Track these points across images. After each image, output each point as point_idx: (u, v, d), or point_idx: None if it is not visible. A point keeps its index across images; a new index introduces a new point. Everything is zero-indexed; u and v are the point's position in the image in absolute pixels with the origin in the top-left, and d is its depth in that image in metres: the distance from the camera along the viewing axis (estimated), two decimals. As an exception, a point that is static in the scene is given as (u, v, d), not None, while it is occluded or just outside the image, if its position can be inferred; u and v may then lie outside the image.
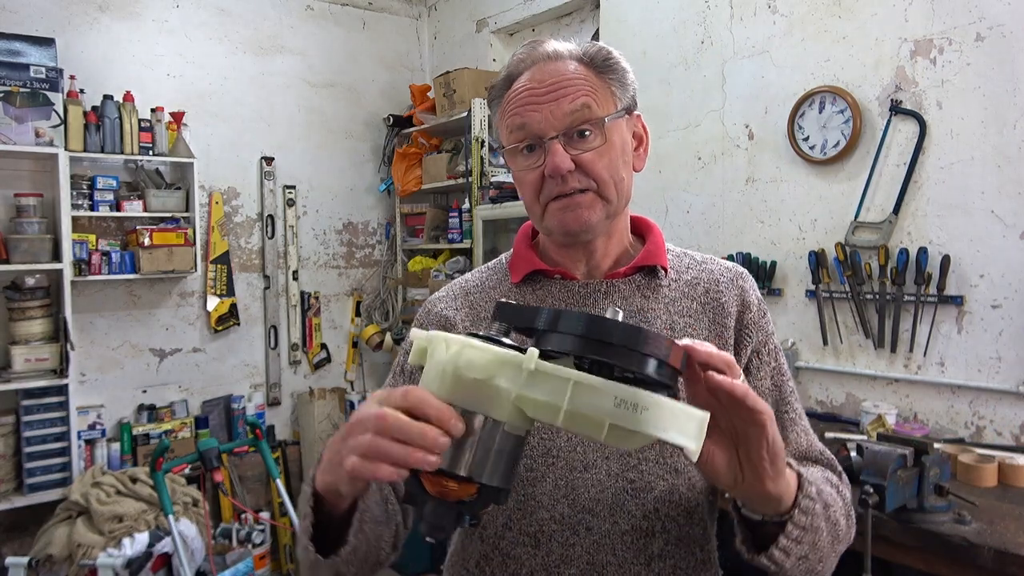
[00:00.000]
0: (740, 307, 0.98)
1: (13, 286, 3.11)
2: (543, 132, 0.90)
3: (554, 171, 0.89)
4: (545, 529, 0.91)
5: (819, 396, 2.52)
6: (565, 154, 0.89)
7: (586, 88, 0.90)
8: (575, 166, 0.90)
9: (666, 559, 0.92)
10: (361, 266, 4.34)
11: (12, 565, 2.62)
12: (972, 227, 2.13)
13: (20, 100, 3.01)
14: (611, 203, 0.93)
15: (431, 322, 1.03)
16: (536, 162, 0.92)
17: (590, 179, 0.91)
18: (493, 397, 0.60)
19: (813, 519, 0.78)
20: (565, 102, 0.89)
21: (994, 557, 1.48)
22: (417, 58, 4.49)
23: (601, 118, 0.90)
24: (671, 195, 2.95)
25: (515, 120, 0.92)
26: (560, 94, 0.90)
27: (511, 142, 0.94)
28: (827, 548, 0.83)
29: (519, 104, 0.92)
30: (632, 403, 0.55)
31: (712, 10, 2.78)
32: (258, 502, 3.66)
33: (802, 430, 0.97)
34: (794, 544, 0.77)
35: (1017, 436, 2.07)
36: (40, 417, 3.07)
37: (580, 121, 0.90)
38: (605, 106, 0.91)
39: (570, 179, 0.90)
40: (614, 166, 0.92)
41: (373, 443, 0.60)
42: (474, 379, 0.60)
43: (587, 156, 0.90)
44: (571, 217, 0.92)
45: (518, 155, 0.94)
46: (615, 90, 0.93)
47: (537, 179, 0.92)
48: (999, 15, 2.05)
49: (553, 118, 0.89)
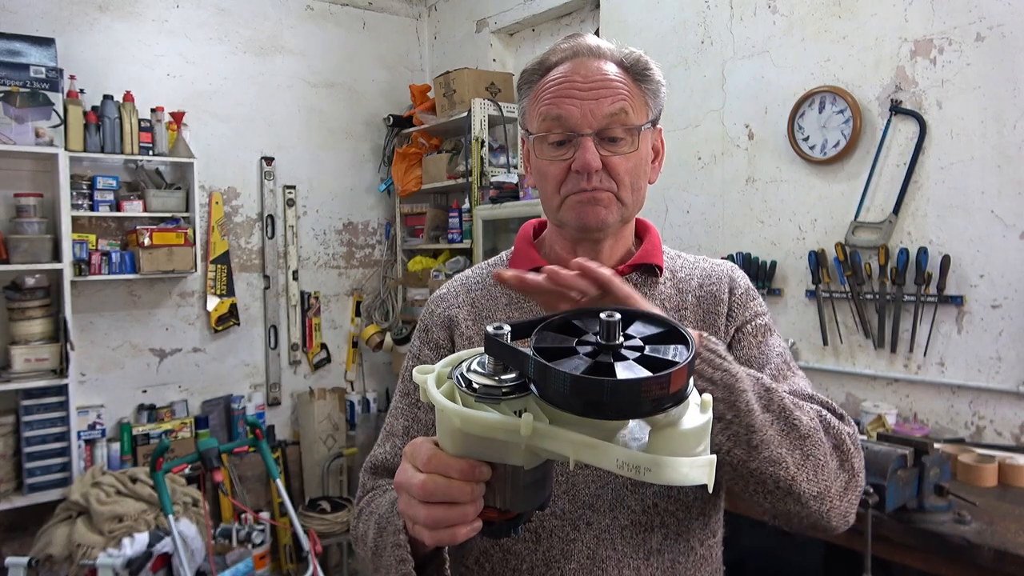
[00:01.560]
0: (728, 293, 1.00)
1: (13, 286, 3.11)
2: (578, 127, 0.91)
3: (584, 167, 0.90)
4: (545, 524, 0.92)
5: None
6: (596, 153, 0.90)
7: (625, 93, 0.92)
8: (602, 166, 0.91)
9: (665, 553, 0.92)
10: (361, 266, 4.34)
11: (12, 565, 2.62)
12: (972, 227, 2.13)
13: (20, 100, 3.01)
14: (627, 207, 0.95)
15: (435, 323, 1.04)
16: (564, 155, 0.93)
17: (613, 181, 0.92)
18: (505, 448, 0.62)
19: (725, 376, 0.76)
20: (606, 103, 0.91)
21: (994, 557, 1.49)
22: (417, 58, 4.49)
23: (637, 126, 0.92)
24: (671, 195, 2.95)
25: (551, 110, 0.92)
26: (601, 93, 0.91)
27: (542, 130, 0.94)
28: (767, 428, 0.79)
29: (557, 94, 0.92)
30: (633, 465, 0.55)
31: (712, 10, 2.78)
32: (258, 502, 3.66)
33: (793, 384, 0.93)
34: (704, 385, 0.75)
35: (1017, 436, 2.07)
36: (40, 417, 3.07)
37: (617, 124, 0.91)
38: (639, 114, 0.93)
39: (594, 178, 0.91)
40: (636, 173, 0.94)
41: (430, 515, 0.65)
42: (481, 438, 0.61)
43: (615, 159, 0.92)
44: (590, 212, 0.93)
45: (546, 144, 0.94)
46: (649, 100, 0.95)
47: (561, 172, 0.93)
48: (999, 15, 2.05)
49: (592, 116, 0.90)
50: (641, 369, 0.55)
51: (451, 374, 0.63)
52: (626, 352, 0.58)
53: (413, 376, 0.66)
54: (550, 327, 0.63)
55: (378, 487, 1.01)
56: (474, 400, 0.60)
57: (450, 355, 0.69)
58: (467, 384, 0.61)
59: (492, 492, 0.64)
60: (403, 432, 1.02)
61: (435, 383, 0.64)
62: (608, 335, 0.58)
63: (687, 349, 0.57)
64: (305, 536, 2.71)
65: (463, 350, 0.71)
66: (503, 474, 0.64)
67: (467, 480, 0.63)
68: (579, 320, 0.63)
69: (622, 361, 0.56)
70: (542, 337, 0.61)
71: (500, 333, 0.59)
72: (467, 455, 0.63)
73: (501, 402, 0.59)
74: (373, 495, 0.99)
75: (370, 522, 0.92)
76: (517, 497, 0.65)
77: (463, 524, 0.64)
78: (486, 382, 0.60)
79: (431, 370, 0.65)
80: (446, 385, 0.63)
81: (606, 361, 0.56)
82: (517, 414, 0.59)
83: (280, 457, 3.81)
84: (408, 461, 0.68)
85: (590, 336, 0.61)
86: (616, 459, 0.55)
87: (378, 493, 0.98)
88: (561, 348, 0.59)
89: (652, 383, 0.53)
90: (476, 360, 0.63)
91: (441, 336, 1.02)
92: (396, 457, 1.01)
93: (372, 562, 0.90)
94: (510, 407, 0.59)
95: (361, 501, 1.00)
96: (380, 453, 1.03)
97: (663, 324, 0.61)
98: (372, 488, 1.01)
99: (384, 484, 1.01)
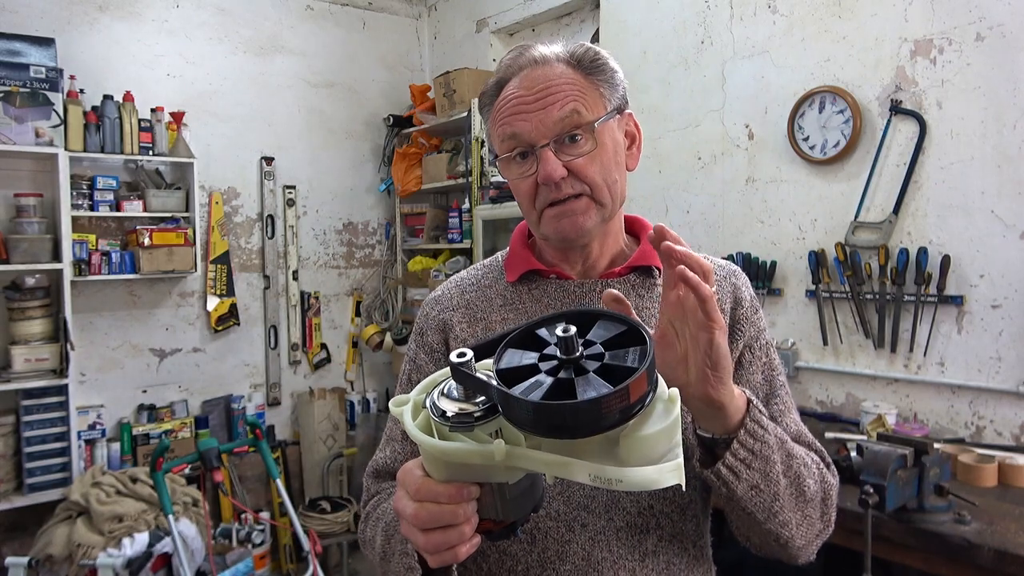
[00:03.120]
0: (733, 303, 0.99)
1: (13, 286, 3.11)
2: (534, 140, 0.90)
3: (546, 179, 0.89)
4: (541, 526, 0.92)
5: (819, 396, 2.52)
6: (557, 161, 0.89)
7: (574, 93, 0.90)
8: (567, 172, 0.90)
9: (660, 555, 0.93)
10: (361, 266, 4.34)
11: (12, 565, 2.62)
12: (972, 227, 2.13)
13: (20, 100, 3.01)
14: (605, 207, 0.94)
15: (430, 326, 1.04)
16: (529, 170, 0.92)
17: (583, 184, 0.91)
18: (486, 469, 0.63)
19: (764, 448, 0.80)
20: (554, 109, 0.89)
21: (994, 557, 1.48)
22: (417, 58, 4.49)
23: (591, 122, 0.90)
24: (671, 195, 2.95)
25: (505, 130, 0.92)
26: (548, 101, 0.89)
27: (503, 151, 0.94)
28: (786, 494, 0.85)
29: (508, 113, 0.92)
30: (604, 478, 0.56)
31: (712, 10, 2.78)
32: (258, 502, 3.66)
33: (792, 420, 0.98)
34: (743, 466, 0.79)
35: (1017, 436, 2.07)
36: (40, 417, 3.07)
37: (570, 127, 0.89)
38: (594, 109, 0.91)
39: (563, 185, 0.90)
40: (606, 169, 0.92)
41: (429, 541, 0.67)
42: (462, 464, 0.63)
43: (579, 162, 0.90)
44: (567, 224, 0.93)
45: (511, 163, 0.94)
46: (604, 91, 0.93)
47: (531, 187, 0.93)
48: (999, 15, 2.05)
49: (543, 126, 0.89)
50: (602, 383, 0.55)
51: (425, 402, 0.64)
52: (587, 363, 0.58)
53: (390, 408, 0.68)
54: (513, 343, 0.63)
55: (382, 491, 1.01)
56: (448, 430, 0.61)
57: (424, 379, 0.70)
58: (440, 414, 0.61)
59: (484, 507, 0.67)
60: (402, 437, 1.03)
61: (411, 414, 0.65)
62: (567, 350, 0.58)
63: (647, 348, 0.58)
64: (305, 536, 2.71)
65: (438, 371, 0.71)
66: (490, 490, 0.66)
67: (457, 503, 0.65)
68: (543, 328, 0.64)
69: (584, 375, 0.57)
70: (505, 356, 0.62)
71: (463, 361, 0.59)
72: (453, 479, 0.65)
73: (475, 428, 0.60)
74: (378, 499, 1.00)
75: (377, 528, 0.93)
76: (508, 508, 0.67)
77: (462, 543, 0.67)
78: (459, 408, 0.61)
79: (406, 400, 0.66)
80: (423, 415, 0.64)
81: (567, 378, 0.57)
82: (493, 435, 0.60)
83: (280, 457, 3.81)
84: (401, 488, 0.70)
85: (552, 348, 0.61)
86: (588, 473, 0.56)
87: (383, 498, 0.99)
88: (522, 368, 0.60)
89: (611, 399, 0.54)
90: (449, 384, 0.64)
91: (436, 340, 1.03)
92: (396, 461, 1.01)
93: (380, 566, 0.91)
94: (484, 430, 0.60)
95: (368, 505, 1.01)
96: (381, 458, 1.04)
97: (622, 322, 0.62)
98: (376, 492, 1.02)
99: (388, 487, 1.02)
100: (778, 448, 0.83)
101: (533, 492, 0.69)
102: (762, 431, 0.80)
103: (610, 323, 0.63)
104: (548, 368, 0.59)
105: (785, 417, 0.97)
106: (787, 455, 0.85)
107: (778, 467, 0.83)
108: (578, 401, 0.54)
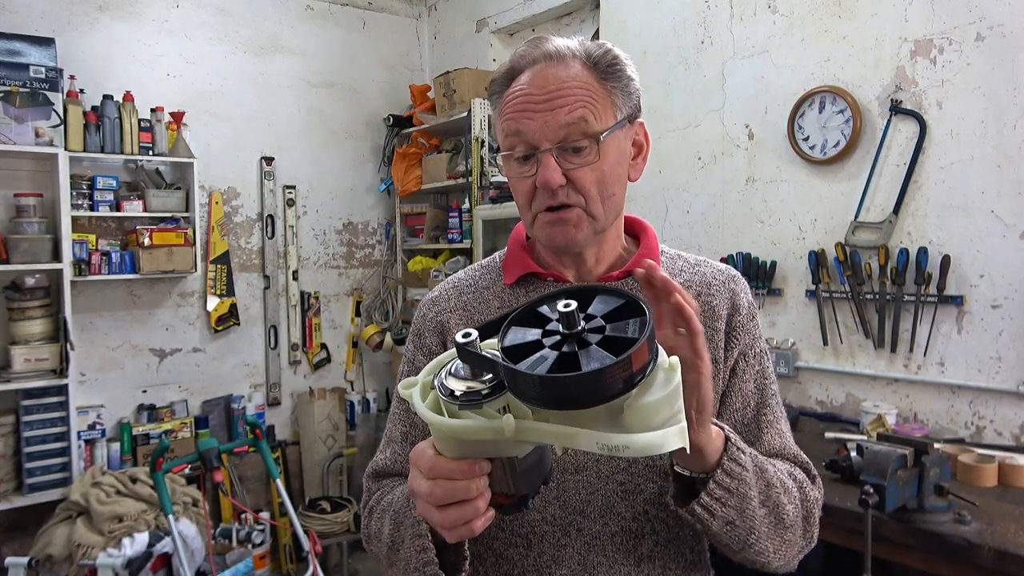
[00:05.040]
0: (730, 310, 0.98)
1: (13, 286, 3.11)
2: (537, 142, 0.88)
3: (544, 185, 0.88)
4: (537, 530, 0.92)
5: (819, 396, 2.52)
6: (557, 168, 0.87)
7: (585, 98, 0.87)
8: (566, 180, 0.88)
9: (656, 560, 0.93)
10: (361, 266, 4.34)
11: (12, 565, 2.61)
12: (972, 227, 2.13)
13: (20, 100, 3.01)
14: (598, 220, 0.92)
15: (427, 328, 1.03)
16: (529, 171, 0.90)
17: (579, 195, 0.89)
18: (496, 444, 0.65)
19: (741, 485, 0.81)
20: (562, 112, 0.86)
21: (994, 557, 1.49)
22: (417, 58, 4.49)
23: (597, 133, 0.87)
24: (671, 195, 2.95)
25: (510, 125, 0.90)
26: (557, 104, 0.87)
27: (506, 147, 0.92)
28: (762, 525, 0.85)
29: (515, 109, 0.89)
30: (611, 446, 0.58)
31: (712, 10, 2.78)
32: (258, 502, 3.66)
33: (777, 432, 0.97)
34: (717, 504, 0.80)
35: (1017, 436, 2.07)
36: (40, 417, 3.07)
37: (576, 134, 0.87)
38: (604, 118, 0.88)
39: (560, 193, 0.89)
40: (605, 182, 0.90)
41: (446, 517, 0.68)
42: (472, 440, 0.64)
43: (579, 172, 0.88)
44: (558, 233, 0.92)
45: (512, 161, 0.92)
46: (616, 99, 0.90)
47: (529, 188, 0.91)
48: (999, 15, 2.05)
49: (548, 129, 0.87)
50: (605, 354, 0.57)
51: (434, 383, 0.65)
52: (589, 336, 0.60)
53: (399, 391, 0.69)
54: (516, 321, 0.65)
55: (384, 486, 1.01)
56: (457, 408, 0.62)
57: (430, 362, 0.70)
58: (449, 393, 0.63)
59: (496, 481, 0.69)
60: (401, 438, 1.02)
61: (420, 395, 0.66)
62: (569, 324, 0.60)
63: (646, 319, 0.60)
64: (305, 536, 2.71)
65: (444, 353, 0.74)
66: (501, 465, 0.68)
67: (469, 478, 0.66)
68: (545, 305, 0.66)
69: (586, 348, 0.59)
70: (509, 334, 0.64)
71: (469, 341, 0.61)
72: (464, 456, 0.67)
73: (483, 405, 0.62)
74: (382, 492, 0.99)
75: (384, 518, 0.92)
76: (519, 481, 0.69)
77: (476, 518, 0.68)
78: (466, 387, 0.63)
79: (415, 383, 0.68)
80: (431, 395, 0.66)
81: (571, 351, 0.59)
82: (501, 411, 0.62)
83: (280, 457, 3.81)
84: (415, 468, 0.71)
85: (554, 324, 0.63)
86: (596, 442, 0.58)
87: (386, 491, 0.98)
88: (527, 344, 0.62)
89: (615, 369, 0.56)
90: (455, 364, 0.65)
91: (433, 342, 1.02)
92: (396, 463, 1.01)
93: (388, 557, 0.90)
94: (493, 407, 0.62)
95: (370, 502, 1.01)
96: (381, 459, 1.04)
97: (621, 296, 0.64)
98: (377, 490, 1.02)
99: (389, 483, 1.01)
100: (756, 481, 0.84)
101: (542, 465, 0.71)
102: (740, 469, 0.81)
103: (609, 297, 0.64)
104: (552, 343, 0.61)
105: (772, 428, 0.97)
106: (766, 485, 0.85)
107: (755, 501, 0.83)
108: (583, 372, 0.56)
